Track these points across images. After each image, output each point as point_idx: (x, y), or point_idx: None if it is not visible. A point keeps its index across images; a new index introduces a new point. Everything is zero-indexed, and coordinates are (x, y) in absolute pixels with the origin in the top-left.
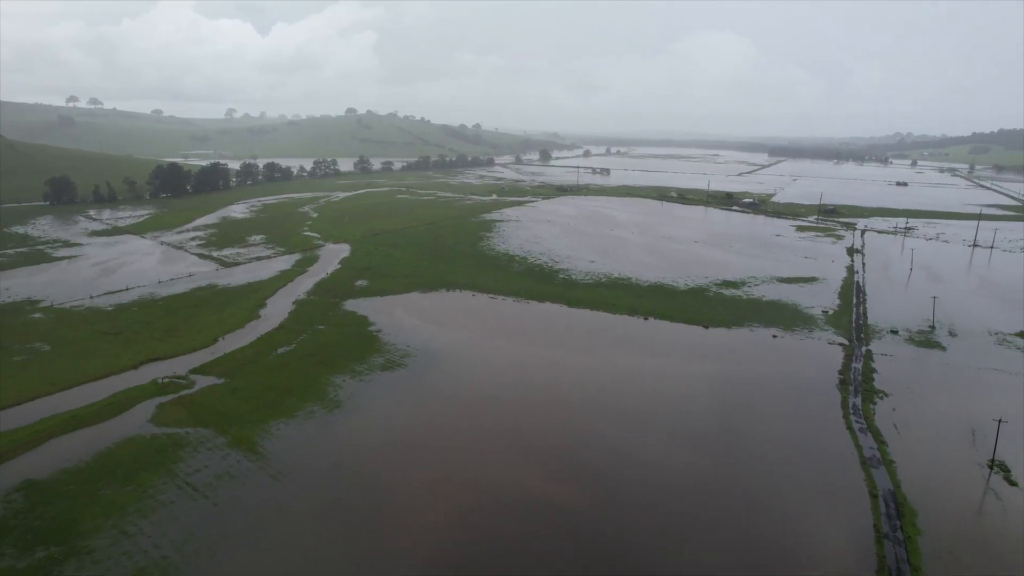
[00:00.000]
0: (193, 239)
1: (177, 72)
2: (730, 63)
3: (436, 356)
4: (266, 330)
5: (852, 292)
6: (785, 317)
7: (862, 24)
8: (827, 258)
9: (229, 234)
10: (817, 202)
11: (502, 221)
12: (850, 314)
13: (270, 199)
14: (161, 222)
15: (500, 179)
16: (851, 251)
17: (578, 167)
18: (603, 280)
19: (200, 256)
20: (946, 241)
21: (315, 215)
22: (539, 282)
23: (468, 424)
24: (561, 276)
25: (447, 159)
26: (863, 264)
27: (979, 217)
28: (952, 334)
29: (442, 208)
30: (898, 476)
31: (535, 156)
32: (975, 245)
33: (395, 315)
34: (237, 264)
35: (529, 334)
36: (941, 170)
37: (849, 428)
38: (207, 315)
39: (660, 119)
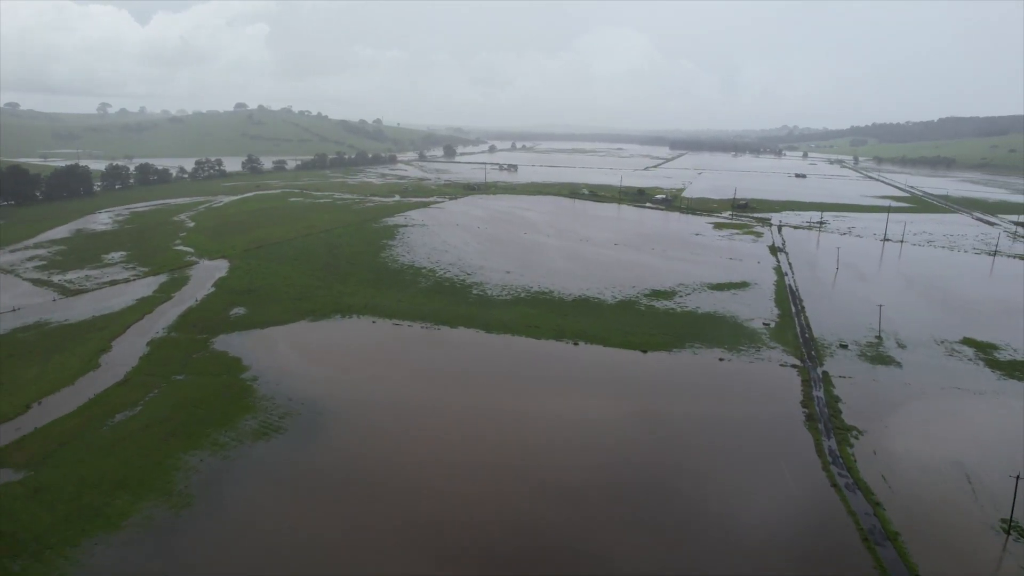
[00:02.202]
0: (31, 259)
1: (39, 61)
2: (629, 59)
3: (325, 413)
4: (105, 386)
5: (788, 298)
6: (727, 333)
7: (749, 23)
8: (752, 259)
9: (81, 251)
10: (727, 196)
11: (406, 226)
12: (793, 326)
13: (141, 206)
14: None
15: (403, 177)
16: (774, 250)
17: (484, 163)
18: (522, 295)
19: (35, 282)
20: (859, 236)
21: (192, 224)
22: (451, 301)
23: (366, 520)
24: (475, 292)
25: (346, 157)
26: (789, 265)
27: (887, 210)
28: (900, 345)
29: (339, 212)
30: (911, 558)
31: (440, 152)
32: (886, 239)
33: (277, 355)
34: (83, 291)
35: (441, 374)
36: (830, 161)
37: (835, 485)
38: (24, 368)
39: (563, 113)
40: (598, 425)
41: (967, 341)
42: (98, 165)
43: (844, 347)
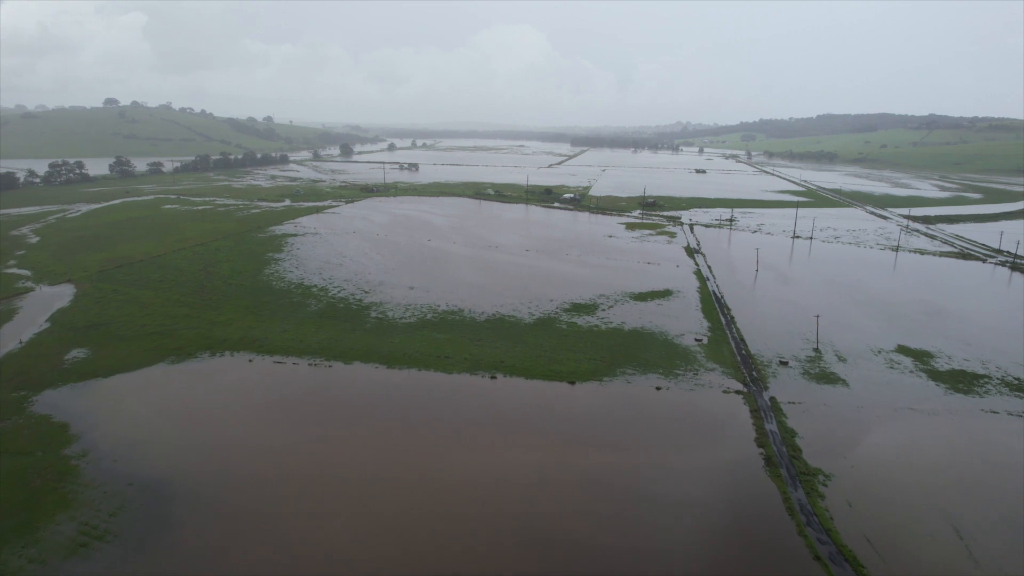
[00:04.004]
0: None
1: None
2: (527, 56)
3: (176, 499)
4: None
5: (715, 308)
6: (659, 354)
7: (642, 23)
8: (669, 262)
9: None
10: (633, 193)
11: (296, 235)
12: (727, 341)
13: None
14: None
15: (295, 179)
16: (690, 251)
17: (384, 163)
18: (429, 316)
19: None
20: (769, 233)
21: (35, 240)
22: (345, 327)
23: None
24: (374, 315)
25: (232, 158)
26: (709, 268)
27: (795, 205)
28: (840, 358)
29: (219, 221)
30: None
31: (336, 151)
32: (796, 236)
33: (119, 415)
34: None
35: (330, 430)
36: (725, 156)
37: (818, 558)
38: None
39: (463, 111)
40: (523, 492)
41: (902, 350)
42: None
43: (784, 364)
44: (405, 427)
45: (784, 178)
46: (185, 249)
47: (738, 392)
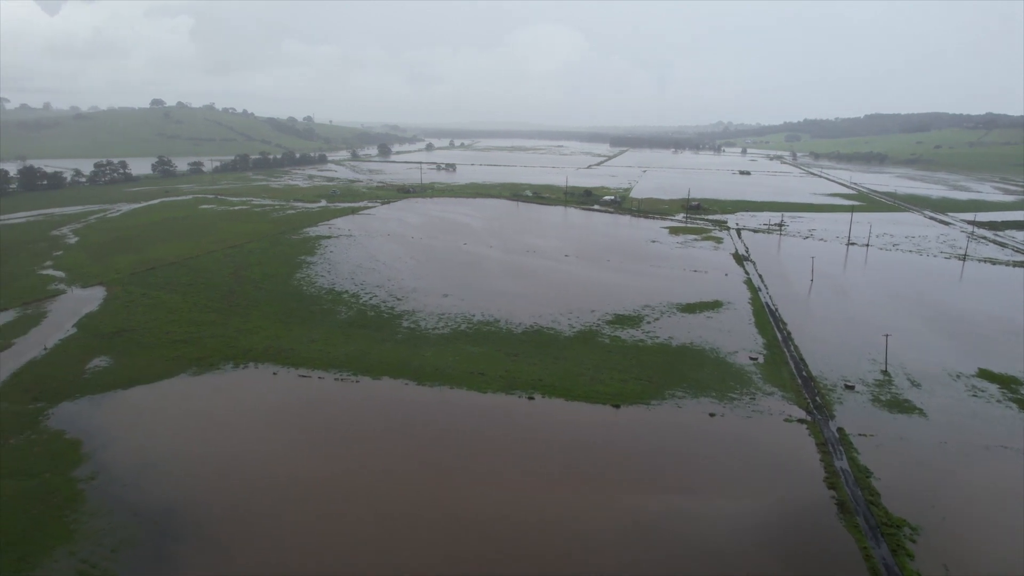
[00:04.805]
0: None
1: None
2: (564, 55)
3: (182, 537)
4: None
5: (769, 322)
6: (711, 374)
7: (680, 22)
8: (717, 270)
9: None
10: (676, 195)
11: (330, 237)
12: (785, 360)
13: (16, 217)
14: None
15: (333, 179)
16: (738, 258)
17: (421, 163)
18: (463, 327)
19: None
20: (821, 239)
21: (74, 240)
22: (374, 338)
23: None
24: (405, 324)
25: (271, 157)
26: (760, 277)
27: (850, 210)
28: (913, 383)
29: (254, 222)
30: None
31: (374, 151)
32: (851, 243)
33: (134, 433)
34: None
35: (354, 455)
36: (770, 157)
37: None
38: None
39: (500, 110)
40: (561, 541)
41: (985, 374)
42: None
43: (850, 388)
44: (433, 457)
45: (833, 180)
46: (217, 251)
47: (801, 421)
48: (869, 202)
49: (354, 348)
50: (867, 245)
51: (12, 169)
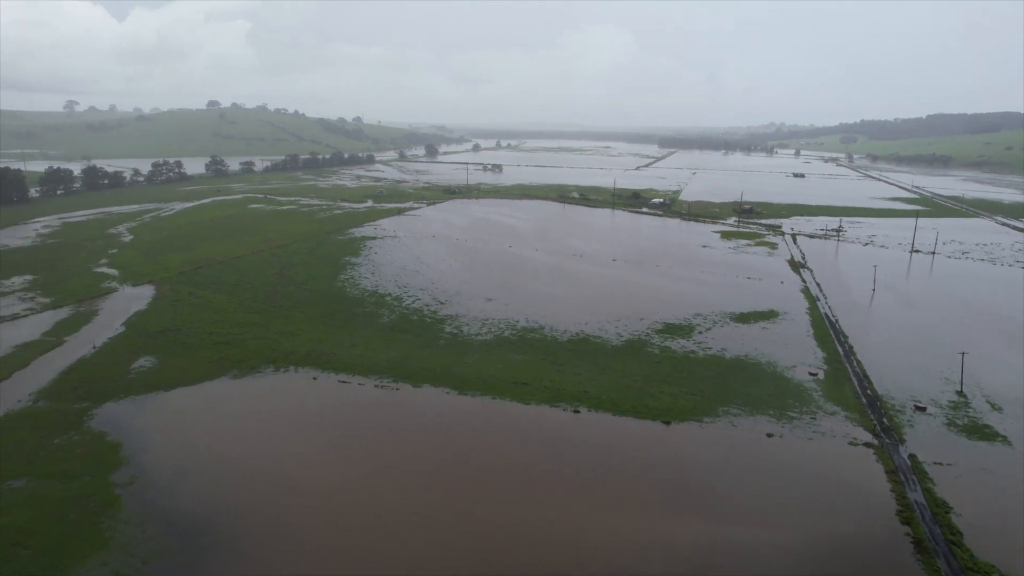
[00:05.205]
0: None
1: (12, 59)
2: (613, 56)
3: (214, 548)
4: None
5: (829, 334)
6: (768, 390)
7: (731, 21)
8: (772, 277)
9: None
10: (726, 198)
11: (375, 238)
12: (847, 376)
13: (78, 215)
14: None
15: (380, 179)
16: (795, 265)
17: (467, 163)
18: (506, 333)
19: None
20: (883, 246)
21: (129, 239)
22: (416, 343)
23: None
24: (448, 329)
25: (320, 157)
26: (818, 286)
27: (915, 215)
28: (993, 406)
29: (301, 222)
30: None
31: (421, 151)
32: (915, 250)
33: (174, 436)
34: None
35: (393, 469)
36: (825, 160)
37: None
38: None
39: (548, 111)
40: (611, 570)
41: None
42: (30, 166)
43: (921, 409)
44: (473, 473)
45: (893, 183)
46: (264, 251)
47: (867, 445)
48: (933, 207)
49: (395, 354)
50: (933, 253)
51: (77, 169)
